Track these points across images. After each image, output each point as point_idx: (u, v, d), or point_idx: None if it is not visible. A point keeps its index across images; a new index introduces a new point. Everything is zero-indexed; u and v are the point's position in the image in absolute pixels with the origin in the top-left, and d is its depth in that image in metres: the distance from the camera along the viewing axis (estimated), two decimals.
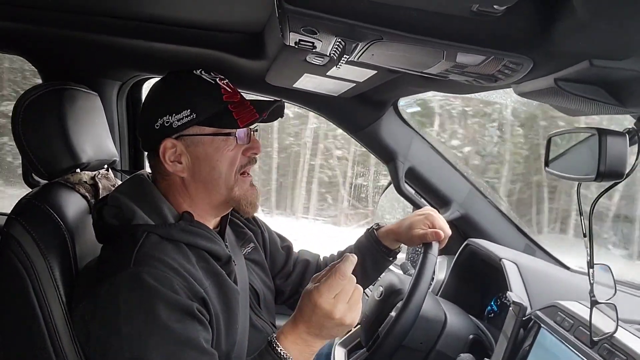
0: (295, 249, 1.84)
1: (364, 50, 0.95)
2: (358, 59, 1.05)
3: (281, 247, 1.76)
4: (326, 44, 0.99)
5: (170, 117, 1.32)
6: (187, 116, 1.32)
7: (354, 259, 1.25)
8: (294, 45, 1.02)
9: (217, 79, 1.37)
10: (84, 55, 1.89)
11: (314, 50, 1.06)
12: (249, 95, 2.03)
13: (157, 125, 1.32)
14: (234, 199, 1.37)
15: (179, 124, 1.31)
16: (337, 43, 0.95)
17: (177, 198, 1.37)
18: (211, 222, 1.43)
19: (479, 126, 5.51)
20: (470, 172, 2.11)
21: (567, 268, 1.95)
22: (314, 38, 0.94)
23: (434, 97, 4.88)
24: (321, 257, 1.84)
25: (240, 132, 1.36)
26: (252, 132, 1.40)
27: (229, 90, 1.38)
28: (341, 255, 1.74)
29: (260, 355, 1.23)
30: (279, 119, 1.49)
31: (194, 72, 1.36)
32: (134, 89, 2.16)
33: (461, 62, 0.92)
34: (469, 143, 5.44)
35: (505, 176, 5.26)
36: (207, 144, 1.34)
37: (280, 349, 1.21)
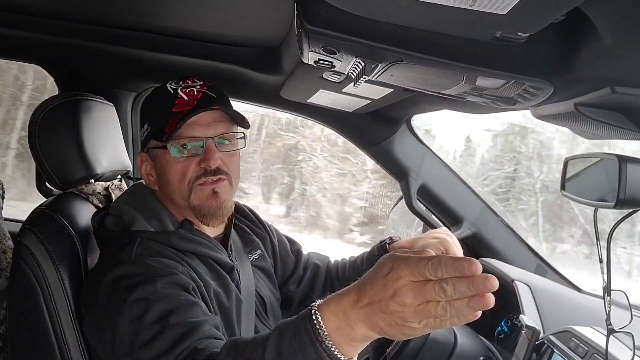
0: (304, 252, 1.79)
1: (383, 71, 0.95)
2: (376, 78, 1.04)
3: (291, 251, 1.72)
4: (345, 64, 0.99)
5: (140, 132, 1.38)
6: (146, 130, 1.35)
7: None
8: (312, 64, 1.02)
9: (180, 89, 1.31)
10: (101, 66, 1.90)
11: (332, 69, 1.06)
12: (263, 109, 2.06)
13: (140, 139, 1.40)
14: (194, 209, 1.33)
15: (143, 137, 1.36)
16: (357, 63, 0.95)
17: (173, 208, 1.37)
18: (211, 231, 1.41)
19: None
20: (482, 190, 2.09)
21: (579, 290, 1.93)
22: (334, 58, 0.95)
23: None
24: (331, 260, 1.79)
25: (180, 143, 1.29)
26: (211, 143, 1.30)
27: (186, 98, 1.30)
28: (352, 263, 1.72)
29: (294, 325, 0.94)
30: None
31: (167, 84, 1.34)
32: None
33: (481, 85, 0.92)
34: None
35: None
36: (160, 157, 1.33)
37: (317, 323, 0.90)
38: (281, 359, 0.92)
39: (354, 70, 1.00)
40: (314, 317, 0.90)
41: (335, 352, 0.89)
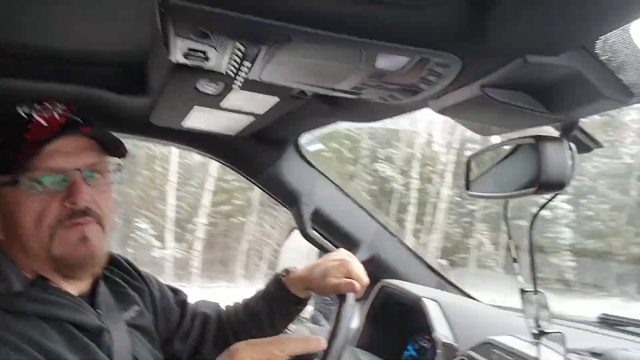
0: (192, 300, 1.54)
1: (269, 59, 0.81)
2: (261, 74, 0.91)
3: (175, 302, 1.47)
4: (221, 55, 0.84)
5: None
6: None
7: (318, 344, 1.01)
8: (182, 57, 0.85)
9: (35, 112, 1.08)
10: None
11: (206, 66, 0.90)
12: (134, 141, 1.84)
13: None
14: (56, 259, 1.07)
15: None
16: (236, 52, 0.81)
17: (24, 261, 1.10)
18: (74, 288, 1.15)
19: None
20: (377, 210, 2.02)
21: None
22: (207, 44, 0.79)
23: None
24: (222, 307, 1.58)
25: (35, 177, 1.04)
26: (77, 175, 1.07)
27: (44, 124, 1.07)
28: (246, 306, 1.52)
29: None
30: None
31: (18, 106, 1.09)
32: None
33: (381, 68, 0.81)
34: None
35: None
36: (7, 195, 1.07)
37: None
38: None
39: (233, 63, 0.86)
40: None
41: None
